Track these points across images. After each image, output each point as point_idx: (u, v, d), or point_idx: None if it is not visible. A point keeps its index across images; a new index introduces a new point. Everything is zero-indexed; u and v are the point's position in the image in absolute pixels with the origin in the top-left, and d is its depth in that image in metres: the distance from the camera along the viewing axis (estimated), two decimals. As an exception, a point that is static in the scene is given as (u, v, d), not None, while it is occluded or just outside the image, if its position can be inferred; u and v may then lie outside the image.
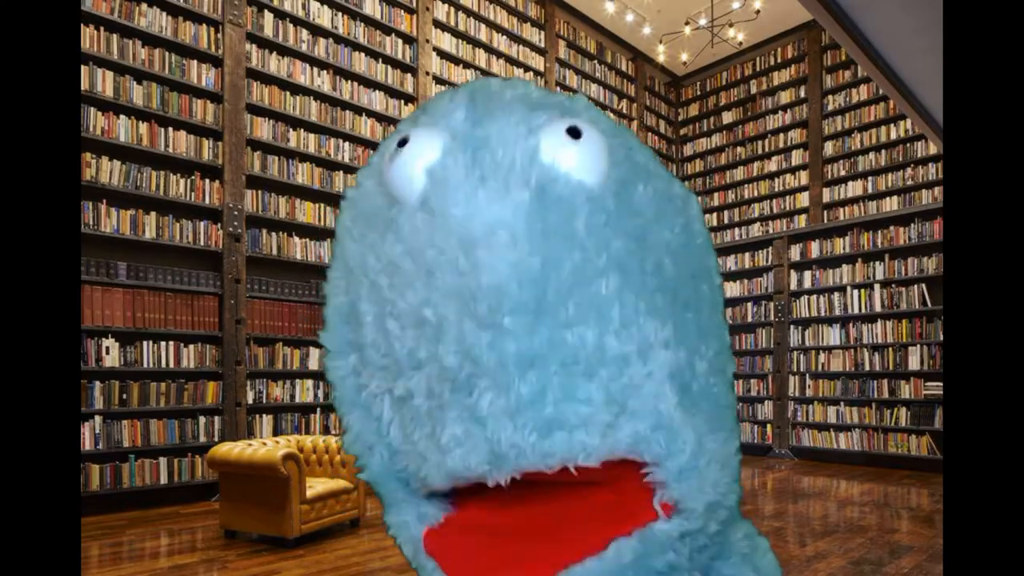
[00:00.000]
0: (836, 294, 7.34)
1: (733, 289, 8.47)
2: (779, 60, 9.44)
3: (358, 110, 6.37)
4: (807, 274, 7.70)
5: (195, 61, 5.25)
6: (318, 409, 5.88)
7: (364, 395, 0.69)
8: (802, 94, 9.13)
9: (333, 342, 0.72)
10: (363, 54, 6.44)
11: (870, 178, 8.39)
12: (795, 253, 7.86)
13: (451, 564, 0.68)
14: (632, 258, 0.61)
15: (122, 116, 4.84)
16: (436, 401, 0.61)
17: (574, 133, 0.61)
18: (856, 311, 7.14)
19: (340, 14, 6.27)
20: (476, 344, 0.57)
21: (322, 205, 6.06)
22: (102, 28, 4.77)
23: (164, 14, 5.10)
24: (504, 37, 7.91)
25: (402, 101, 6.77)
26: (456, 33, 7.31)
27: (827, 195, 8.79)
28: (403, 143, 0.63)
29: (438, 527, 0.71)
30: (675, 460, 0.61)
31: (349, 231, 0.69)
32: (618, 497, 0.64)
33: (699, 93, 10.57)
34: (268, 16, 5.73)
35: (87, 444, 4.50)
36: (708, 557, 0.67)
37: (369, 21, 6.49)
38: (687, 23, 7.97)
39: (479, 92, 0.66)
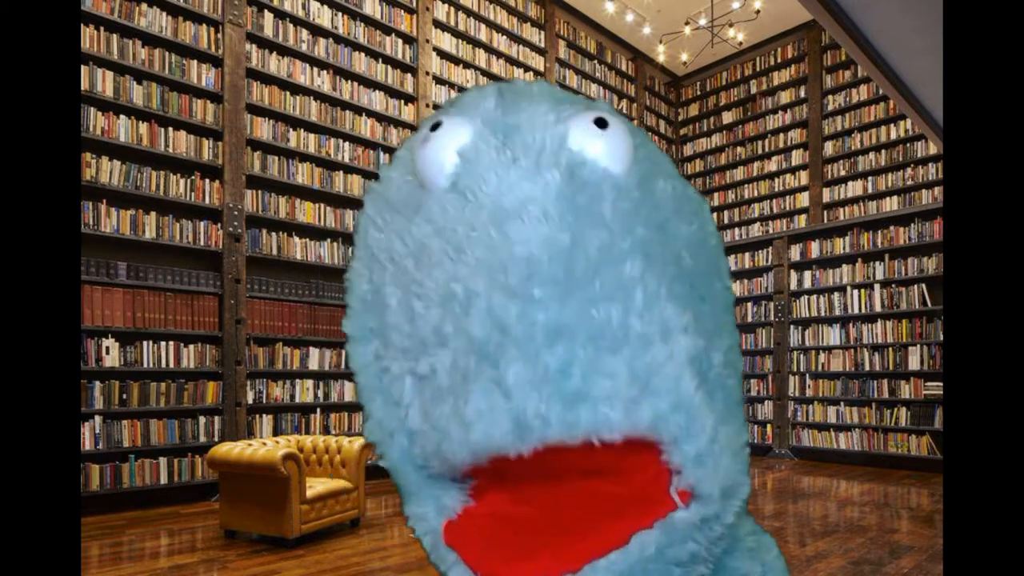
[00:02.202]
0: (836, 294, 7.34)
1: (733, 289, 8.46)
2: (779, 60, 9.44)
3: (358, 110, 6.37)
4: (807, 274, 7.70)
5: (195, 61, 5.25)
6: (318, 409, 5.88)
7: (385, 380, 0.69)
8: (802, 94, 9.13)
9: (355, 329, 0.72)
10: (363, 54, 6.44)
11: (870, 178, 8.39)
12: (795, 253, 7.86)
13: (472, 555, 0.69)
14: (654, 245, 0.63)
15: (122, 116, 4.84)
16: (460, 375, 0.61)
17: (601, 123, 0.63)
18: (856, 311, 7.14)
19: (340, 14, 6.27)
20: (505, 314, 0.58)
21: (322, 205, 6.05)
22: (102, 28, 4.77)
23: (164, 14, 5.10)
24: (504, 37, 7.91)
25: (402, 101, 6.77)
26: (456, 33, 7.31)
27: (827, 195, 8.79)
28: (435, 127, 0.65)
29: (458, 519, 0.70)
30: (693, 442, 0.61)
31: (372, 221, 0.70)
32: (636, 489, 0.65)
33: (699, 93, 10.57)
34: (268, 16, 5.73)
35: (87, 444, 4.50)
36: (721, 549, 0.67)
37: (369, 21, 6.49)
38: (687, 23, 7.97)
39: (507, 87, 0.69)
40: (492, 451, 0.60)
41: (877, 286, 7.01)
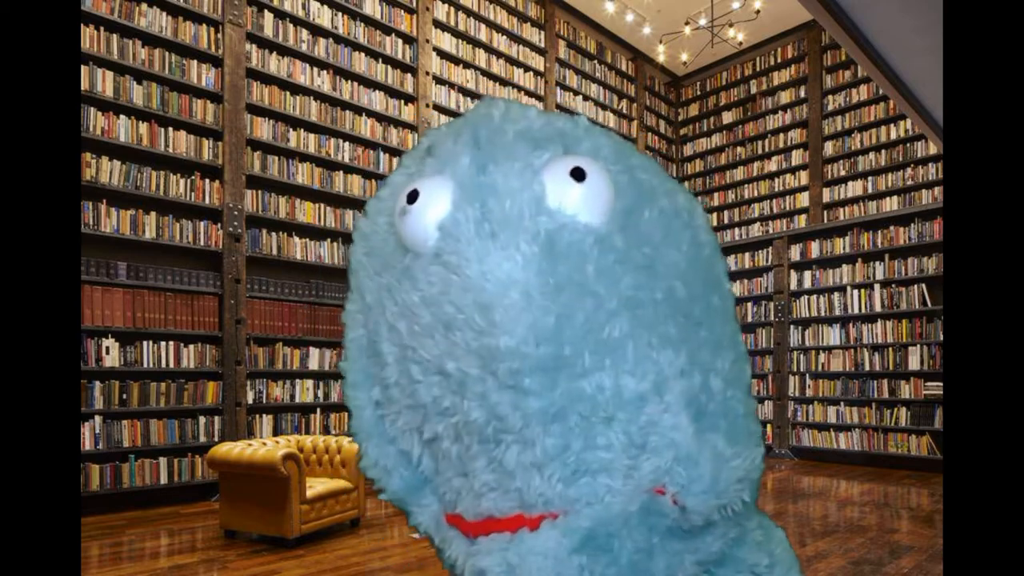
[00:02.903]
0: (836, 294, 7.34)
1: (734, 289, 8.45)
2: (779, 60, 9.43)
3: (358, 110, 6.37)
4: (807, 274, 7.70)
5: (195, 61, 5.25)
6: (318, 409, 5.88)
7: (391, 429, 0.72)
8: (802, 94, 9.13)
9: (354, 375, 0.75)
10: (363, 54, 6.44)
11: (870, 178, 8.39)
12: (795, 253, 7.85)
13: (467, 525, 0.72)
14: (643, 292, 0.62)
15: (122, 116, 4.84)
16: (464, 447, 0.64)
17: (578, 175, 0.61)
18: (856, 311, 7.14)
19: (340, 14, 6.27)
20: (500, 403, 0.59)
21: (322, 205, 6.05)
22: (102, 28, 4.77)
23: (164, 14, 5.10)
24: (504, 37, 7.91)
25: (402, 101, 6.77)
26: (456, 33, 7.31)
27: (827, 195, 8.79)
28: (413, 198, 0.64)
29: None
30: (696, 485, 0.62)
31: (364, 266, 0.71)
32: None
33: (699, 93, 10.57)
34: (268, 16, 5.73)
35: (87, 444, 4.50)
36: (721, 540, 0.68)
37: (369, 21, 6.49)
38: (687, 23, 7.97)
39: (482, 129, 0.67)
40: (501, 519, 0.64)
41: (877, 286, 7.01)
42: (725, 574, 0.71)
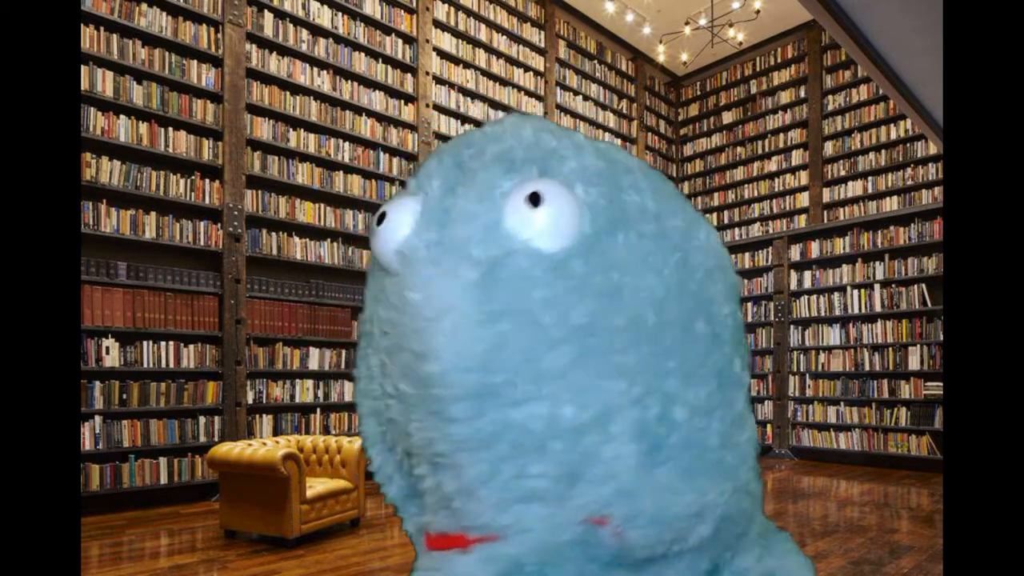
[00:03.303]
0: (836, 294, 7.34)
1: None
2: (779, 60, 9.43)
3: (358, 110, 6.37)
4: (807, 274, 7.70)
5: (195, 61, 5.25)
6: (318, 409, 5.88)
7: (385, 432, 0.73)
8: (802, 94, 9.13)
9: (362, 379, 0.77)
10: (363, 54, 6.44)
11: (870, 178, 8.39)
12: (795, 253, 7.86)
13: (428, 540, 0.74)
14: (600, 318, 0.60)
15: (122, 116, 4.84)
16: (420, 467, 0.66)
17: (534, 200, 0.59)
18: (856, 311, 7.14)
19: (340, 14, 6.27)
20: (430, 427, 0.60)
21: (322, 205, 6.05)
22: (102, 28, 4.77)
23: (164, 14, 5.10)
24: (504, 37, 7.91)
25: (402, 101, 6.77)
26: (456, 33, 7.31)
27: (827, 195, 8.79)
28: (381, 220, 0.66)
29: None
30: (638, 519, 0.62)
31: (368, 285, 0.73)
32: None
33: (699, 93, 10.57)
34: (268, 16, 5.73)
35: (87, 444, 4.50)
36: (730, 554, 0.67)
37: (369, 21, 6.49)
38: (687, 23, 7.97)
39: (466, 150, 0.66)
40: (451, 533, 0.65)
41: (877, 286, 7.01)
42: None
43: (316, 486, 3.88)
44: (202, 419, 5.08)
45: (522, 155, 0.64)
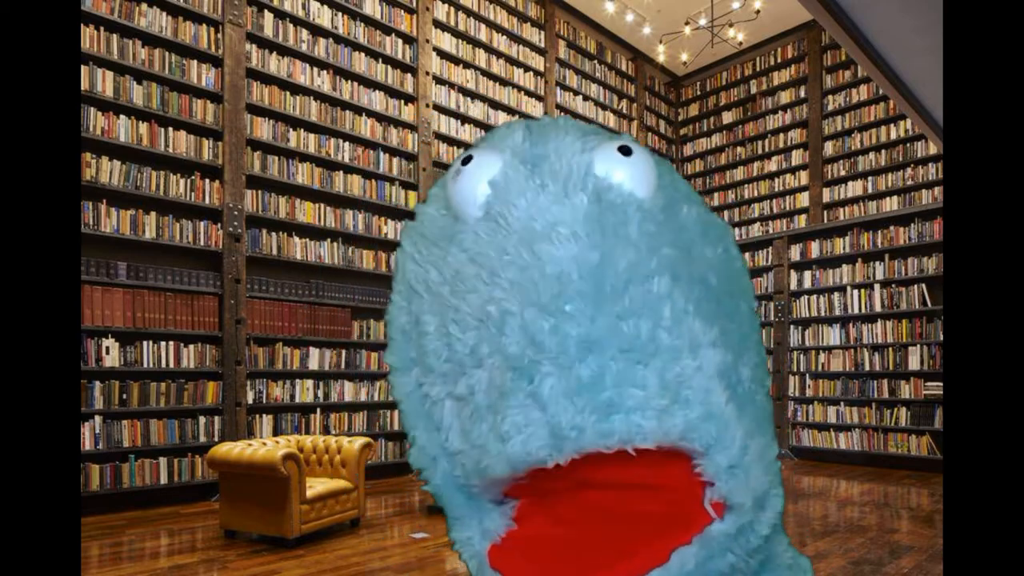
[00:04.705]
0: (836, 294, 7.34)
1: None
2: (779, 60, 9.43)
3: (358, 110, 6.37)
4: (807, 274, 7.70)
5: (195, 61, 5.25)
6: (318, 409, 5.88)
7: (426, 405, 0.73)
8: (802, 94, 9.13)
9: (397, 359, 0.76)
10: (363, 54, 6.44)
11: (870, 178, 8.39)
12: (795, 253, 7.85)
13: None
14: (681, 265, 0.65)
15: (122, 116, 4.84)
16: (497, 392, 0.64)
17: (625, 151, 0.67)
18: (856, 311, 7.14)
19: (340, 14, 6.27)
20: (539, 330, 0.60)
21: (322, 205, 6.05)
22: (102, 28, 4.77)
23: (164, 14, 5.10)
24: (504, 37, 7.91)
25: (402, 101, 6.77)
26: (456, 33, 7.31)
27: (827, 195, 8.79)
28: (466, 161, 0.68)
29: (501, 542, 0.73)
30: (724, 453, 0.63)
31: (411, 256, 0.73)
32: (671, 505, 0.67)
33: (699, 93, 10.57)
34: (268, 16, 5.73)
35: (87, 444, 4.50)
36: (758, 563, 0.69)
37: (369, 21, 6.49)
38: (687, 23, 7.97)
39: (535, 123, 0.72)
40: (530, 463, 0.62)
41: (877, 286, 7.01)
42: None
43: (316, 486, 3.88)
44: (202, 419, 5.08)
45: (591, 129, 0.72)
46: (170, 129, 5.09)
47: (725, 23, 8.31)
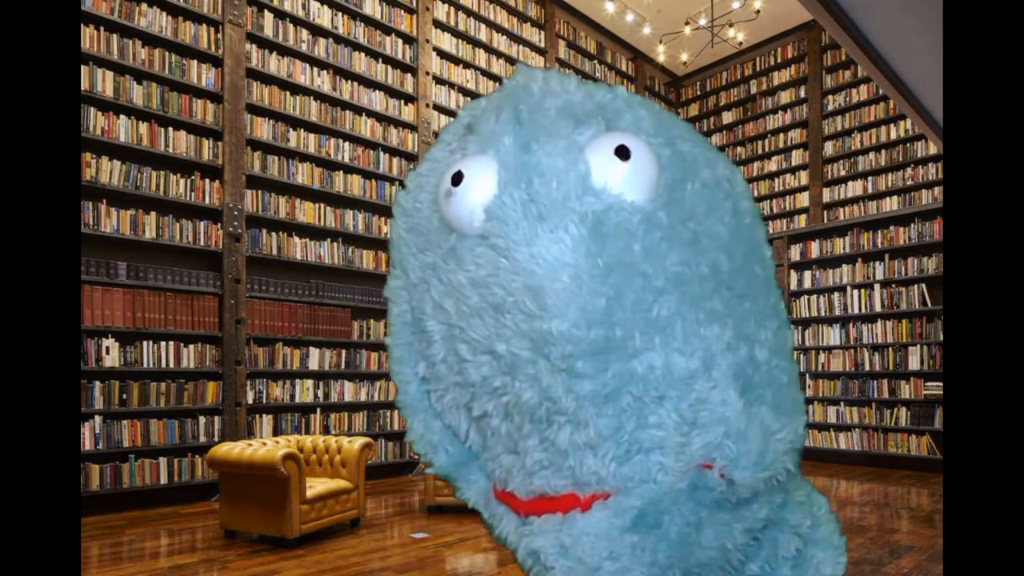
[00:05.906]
0: (836, 294, 7.34)
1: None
2: (779, 60, 9.43)
3: (358, 110, 6.37)
4: (807, 274, 7.70)
5: (195, 61, 5.25)
6: (318, 409, 5.88)
7: (437, 404, 0.73)
8: (802, 94, 9.13)
9: (398, 348, 0.75)
10: (363, 54, 6.44)
11: (870, 178, 8.39)
12: (795, 253, 7.85)
13: (517, 503, 0.72)
14: (688, 267, 0.63)
15: (122, 116, 4.84)
16: (515, 426, 0.65)
17: (622, 153, 0.62)
18: (856, 311, 7.13)
19: (340, 14, 6.27)
20: (552, 385, 0.60)
21: (322, 205, 6.05)
22: (102, 28, 4.77)
23: (164, 14, 5.10)
24: (504, 37, 7.91)
25: (402, 101, 6.77)
26: (456, 33, 7.31)
27: (827, 195, 8.79)
28: (457, 180, 0.65)
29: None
30: (745, 459, 0.63)
31: (406, 242, 0.72)
32: None
33: (699, 93, 10.57)
34: (268, 16, 5.73)
35: (87, 444, 4.50)
36: (767, 507, 0.69)
37: (369, 21, 6.49)
38: (687, 23, 7.97)
39: (523, 105, 0.67)
40: (552, 494, 0.65)
41: (877, 286, 7.01)
42: (770, 535, 0.72)
43: (316, 486, 3.88)
44: (202, 419, 5.07)
45: (583, 108, 0.66)
46: (170, 129, 5.09)
47: (725, 23, 8.31)
